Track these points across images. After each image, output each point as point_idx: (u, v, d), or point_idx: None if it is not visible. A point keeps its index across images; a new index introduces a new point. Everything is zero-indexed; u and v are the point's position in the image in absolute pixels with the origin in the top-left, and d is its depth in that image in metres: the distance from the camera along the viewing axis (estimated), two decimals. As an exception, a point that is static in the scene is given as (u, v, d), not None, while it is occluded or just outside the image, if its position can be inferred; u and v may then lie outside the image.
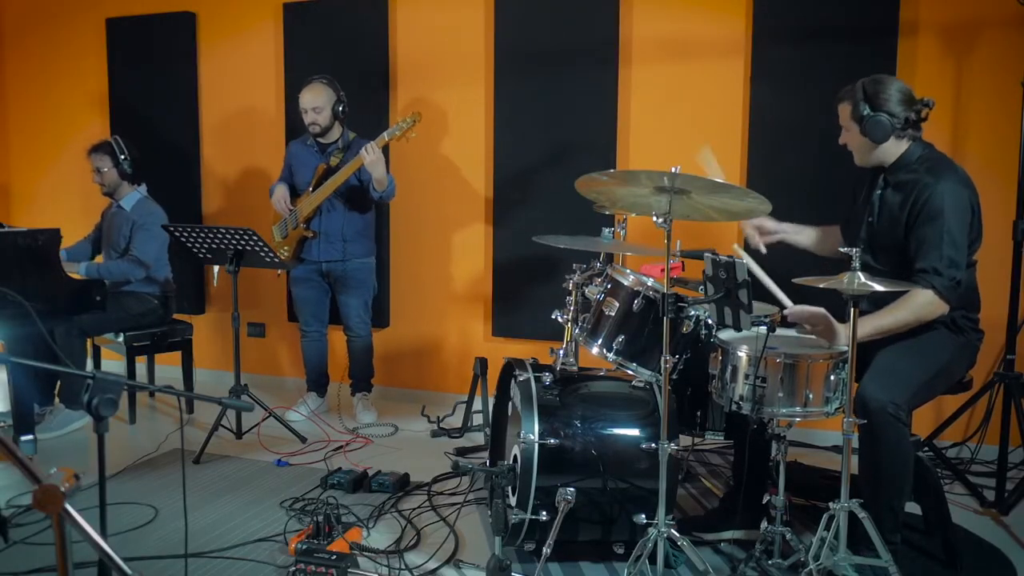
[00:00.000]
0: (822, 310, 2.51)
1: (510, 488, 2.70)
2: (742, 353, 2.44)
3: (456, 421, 4.15)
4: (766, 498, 2.54)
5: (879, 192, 2.67)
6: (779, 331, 2.56)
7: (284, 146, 4.70)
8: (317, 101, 4.01)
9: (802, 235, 2.97)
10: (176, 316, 4.46)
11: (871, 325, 2.46)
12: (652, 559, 2.41)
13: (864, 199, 2.76)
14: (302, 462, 3.61)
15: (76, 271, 4.04)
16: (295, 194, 4.19)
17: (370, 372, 4.38)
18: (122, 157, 4.17)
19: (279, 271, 4.35)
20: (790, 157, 3.78)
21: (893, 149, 2.62)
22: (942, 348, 2.60)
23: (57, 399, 4.07)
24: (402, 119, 3.85)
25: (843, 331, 2.47)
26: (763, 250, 2.91)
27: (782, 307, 2.55)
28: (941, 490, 2.70)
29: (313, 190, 4.06)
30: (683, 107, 4.00)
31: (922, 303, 2.44)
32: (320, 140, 4.13)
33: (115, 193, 4.25)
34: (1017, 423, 3.20)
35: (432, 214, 4.51)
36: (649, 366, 2.62)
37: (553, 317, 3.05)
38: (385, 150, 4.35)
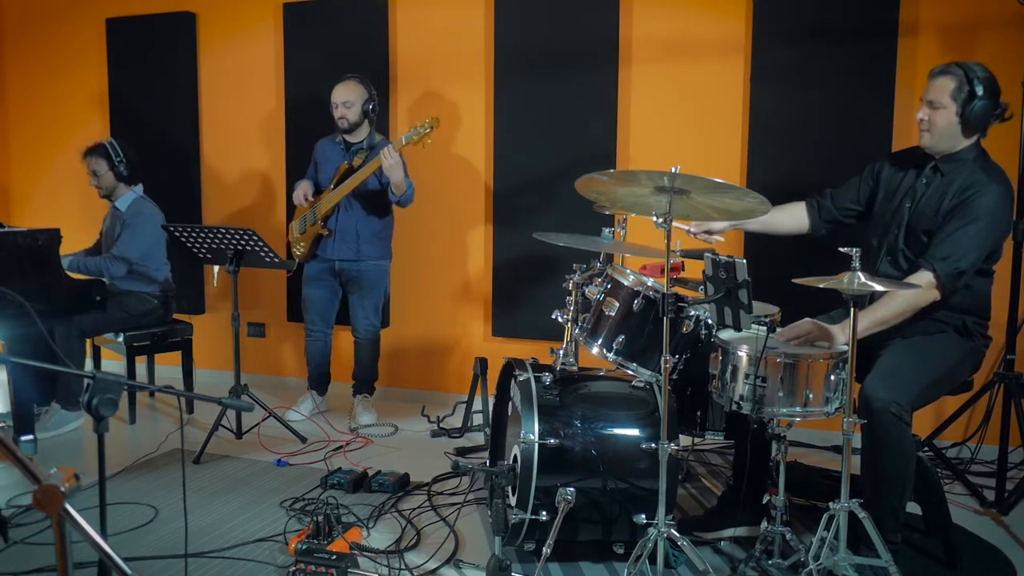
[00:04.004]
0: (806, 320, 2.52)
1: (510, 488, 2.70)
2: (742, 353, 2.44)
3: (456, 421, 4.15)
4: (766, 498, 2.54)
5: (924, 180, 2.65)
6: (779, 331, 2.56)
7: (284, 146, 4.72)
8: (348, 96, 4.01)
9: (750, 223, 2.94)
10: (176, 316, 4.45)
11: (868, 319, 2.46)
12: (652, 559, 2.41)
13: (898, 185, 2.73)
14: (302, 462, 3.61)
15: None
16: (319, 191, 4.19)
17: (374, 375, 4.37)
18: (117, 160, 4.16)
19: (289, 271, 4.33)
20: (790, 157, 3.78)
21: (965, 140, 2.59)
22: (949, 351, 2.59)
23: (55, 401, 4.05)
24: (420, 123, 3.79)
25: (838, 330, 2.48)
26: (721, 239, 2.94)
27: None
28: (941, 490, 2.70)
29: (334, 188, 4.07)
30: (683, 107, 4.01)
31: (915, 291, 2.43)
32: (348, 139, 4.13)
33: (112, 195, 4.25)
34: (1017, 423, 3.20)
35: (432, 214, 4.51)
36: (649, 366, 2.62)
37: (553, 317, 3.05)
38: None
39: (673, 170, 2.22)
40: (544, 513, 2.52)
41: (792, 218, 2.96)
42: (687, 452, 3.58)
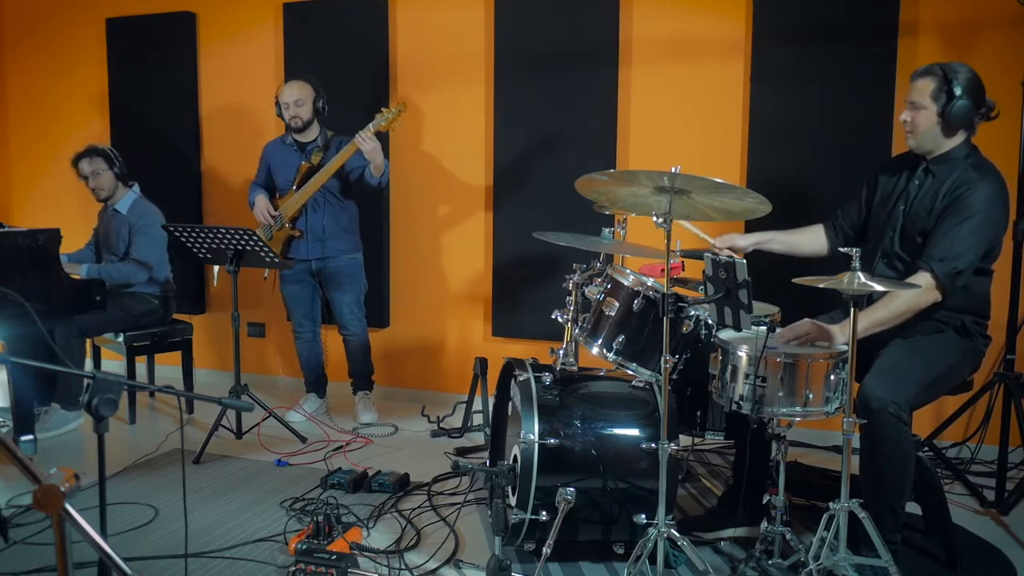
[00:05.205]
0: (805, 320, 2.51)
1: (510, 488, 2.70)
2: (742, 353, 2.44)
3: (456, 421, 4.15)
4: (766, 498, 2.54)
5: (917, 182, 2.65)
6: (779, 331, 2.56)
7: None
8: (300, 94, 4.03)
9: (774, 242, 2.96)
10: (176, 316, 4.45)
11: (867, 319, 2.45)
12: (652, 559, 2.41)
13: (892, 188, 2.73)
14: (302, 462, 3.61)
15: (78, 272, 4.04)
16: (274, 195, 4.19)
17: (369, 369, 4.37)
18: (116, 158, 4.19)
19: (266, 274, 4.35)
20: (790, 157, 3.78)
21: (952, 140, 2.58)
22: (948, 351, 2.59)
23: (54, 401, 4.05)
24: (387, 110, 3.85)
25: (837, 330, 2.48)
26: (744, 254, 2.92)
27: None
28: (941, 490, 2.70)
29: (297, 189, 4.06)
30: (683, 107, 4.00)
31: (915, 292, 2.43)
32: (299, 139, 4.13)
33: (112, 196, 4.25)
34: (1017, 423, 3.20)
35: (432, 214, 4.51)
36: (649, 366, 2.62)
37: (553, 317, 3.05)
38: (384, 141, 4.35)
39: (673, 170, 2.23)
40: (544, 513, 2.52)
41: (814, 239, 2.96)
42: (687, 452, 3.58)
